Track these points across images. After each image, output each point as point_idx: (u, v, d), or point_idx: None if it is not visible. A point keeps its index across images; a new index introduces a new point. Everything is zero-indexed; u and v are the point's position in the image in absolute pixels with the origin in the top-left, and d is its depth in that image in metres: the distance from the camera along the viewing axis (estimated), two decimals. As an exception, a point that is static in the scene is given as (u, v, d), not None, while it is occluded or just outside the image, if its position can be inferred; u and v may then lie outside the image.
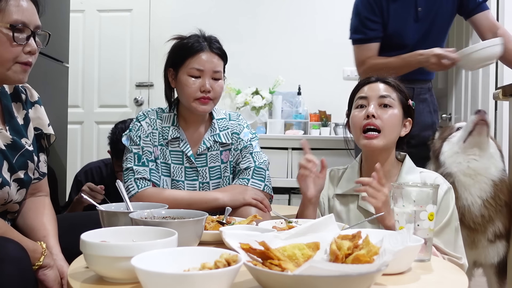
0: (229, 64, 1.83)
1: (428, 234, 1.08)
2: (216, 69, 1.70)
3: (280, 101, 3.48)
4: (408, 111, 1.50)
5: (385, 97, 1.46)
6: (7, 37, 1.17)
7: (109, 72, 3.94)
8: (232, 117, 1.81)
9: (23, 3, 1.20)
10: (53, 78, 2.43)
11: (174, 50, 1.73)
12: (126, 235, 0.99)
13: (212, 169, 1.73)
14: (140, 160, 1.66)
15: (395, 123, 1.46)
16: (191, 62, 1.67)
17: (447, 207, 1.40)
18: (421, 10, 2.07)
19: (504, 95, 1.86)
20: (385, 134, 1.44)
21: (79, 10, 3.85)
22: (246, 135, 1.77)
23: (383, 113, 1.45)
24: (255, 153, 1.74)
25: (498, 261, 1.86)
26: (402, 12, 2.06)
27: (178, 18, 3.68)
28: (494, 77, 3.18)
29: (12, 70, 1.20)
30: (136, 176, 1.62)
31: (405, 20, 2.07)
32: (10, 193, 1.26)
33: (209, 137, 1.73)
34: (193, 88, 1.66)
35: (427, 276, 0.97)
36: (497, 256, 1.85)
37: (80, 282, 0.90)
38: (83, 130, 3.98)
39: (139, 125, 1.71)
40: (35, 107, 1.39)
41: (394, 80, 1.51)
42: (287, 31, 3.66)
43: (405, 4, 2.06)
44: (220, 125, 1.76)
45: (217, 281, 0.73)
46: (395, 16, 2.06)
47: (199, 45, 1.70)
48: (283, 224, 1.28)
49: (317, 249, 0.90)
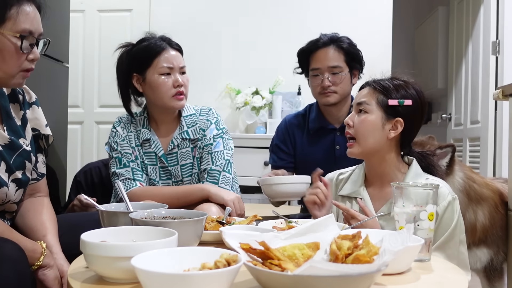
0: (229, 64, 1.84)
1: (428, 234, 1.08)
2: (181, 64, 1.76)
3: (280, 101, 3.47)
4: (395, 112, 1.43)
5: (361, 104, 1.45)
6: (15, 46, 1.16)
7: (109, 72, 3.92)
8: (202, 112, 1.83)
9: (31, 11, 1.19)
10: (53, 78, 2.43)
11: (135, 54, 1.77)
12: (126, 235, 0.99)
13: (184, 167, 1.78)
14: (121, 162, 1.74)
15: (369, 128, 1.43)
16: (159, 62, 1.72)
17: (450, 219, 1.35)
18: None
19: (504, 95, 1.86)
20: (359, 142, 1.44)
21: (79, 10, 3.84)
22: (211, 132, 1.78)
23: (356, 120, 1.46)
24: (214, 153, 1.75)
25: (482, 266, 1.86)
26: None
27: (178, 18, 3.68)
28: (494, 77, 3.18)
29: (15, 78, 1.20)
30: (120, 179, 1.70)
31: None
32: (8, 194, 1.26)
33: (177, 135, 1.78)
34: (167, 86, 1.72)
35: (427, 276, 0.97)
36: (479, 262, 1.86)
37: (80, 282, 0.90)
38: (83, 130, 3.97)
39: (115, 131, 1.80)
40: (33, 108, 1.39)
41: (376, 84, 1.46)
42: (287, 31, 3.65)
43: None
44: (188, 122, 1.80)
45: (217, 281, 0.73)
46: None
47: (161, 43, 1.75)
48: (283, 224, 1.28)
49: (317, 249, 0.90)
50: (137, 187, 1.69)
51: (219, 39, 3.66)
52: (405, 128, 1.44)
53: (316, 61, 1.98)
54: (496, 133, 3.12)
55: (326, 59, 1.95)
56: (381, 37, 3.53)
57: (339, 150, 1.95)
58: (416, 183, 1.19)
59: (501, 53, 3.12)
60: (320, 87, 1.96)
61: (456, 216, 1.36)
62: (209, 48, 3.69)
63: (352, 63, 1.97)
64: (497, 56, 3.16)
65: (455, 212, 1.36)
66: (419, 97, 1.45)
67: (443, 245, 1.33)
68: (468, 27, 3.59)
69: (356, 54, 2.00)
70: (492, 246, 1.84)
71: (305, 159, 2.01)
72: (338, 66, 1.94)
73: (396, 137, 1.44)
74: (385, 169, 1.46)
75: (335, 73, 1.94)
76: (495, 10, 3.18)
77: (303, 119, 2.09)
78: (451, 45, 3.94)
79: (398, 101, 1.42)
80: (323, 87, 1.94)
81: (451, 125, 3.90)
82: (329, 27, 3.65)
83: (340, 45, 1.96)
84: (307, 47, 2.02)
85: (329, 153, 1.99)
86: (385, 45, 3.53)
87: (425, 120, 1.50)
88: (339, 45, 1.96)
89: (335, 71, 1.94)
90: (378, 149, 1.45)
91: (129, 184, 1.70)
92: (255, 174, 2.99)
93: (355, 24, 3.56)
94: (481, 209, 1.83)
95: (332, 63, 1.94)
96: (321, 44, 1.98)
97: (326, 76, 1.93)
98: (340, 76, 1.94)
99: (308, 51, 2.01)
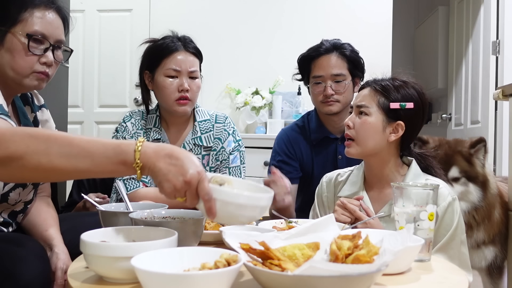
0: (229, 64, 1.83)
1: (428, 234, 1.08)
2: (192, 68, 1.70)
3: (280, 101, 3.47)
4: (396, 115, 1.42)
5: (361, 106, 1.44)
6: (23, 45, 1.22)
7: (109, 72, 3.94)
8: (218, 120, 1.78)
9: (49, 16, 1.26)
10: (53, 78, 2.43)
11: (148, 52, 1.75)
12: (126, 235, 0.99)
13: None
14: None
15: (369, 131, 1.42)
16: (167, 63, 1.68)
17: (450, 221, 1.34)
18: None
19: (504, 95, 1.86)
20: (358, 143, 1.44)
21: (79, 10, 3.84)
22: (229, 144, 1.75)
23: (357, 122, 1.45)
24: (232, 168, 1.74)
25: (487, 264, 1.89)
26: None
27: (178, 18, 3.68)
28: (494, 77, 3.18)
29: (28, 78, 1.25)
30: (124, 177, 1.65)
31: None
32: (21, 194, 1.29)
33: (190, 140, 1.73)
34: (171, 89, 1.67)
35: (427, 276, 0.97)
36: (484, 260, 1.88)
37: (80, 282, 0.90)
38: (83, 130, 3.97)
39: (124, 126, 1.74)
40: (42, 110, 1.44)
41: (377, 85, 1.45)
42: (288, 31, 3.65)
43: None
44: (202, 128, 1.75)
45: (217, 281, 0.73)
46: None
47: (174, 45, 1.70)
48: (283, 224, 1.28)
49: (317, 249, 0.90)
50: (139, 188, 1.66)
51: (219, 39, 3.66)
52: (406, 130, 1.43)
53: (319, 68, 1.90)
54: (496, 133, 3.12)
55: (329, 66, 1.88)
56: (381, 37, 3.53)
57: (341, 160, 1.89)
58: (416, 183, 1.19)
59: (501, 53, 3.12)
60: (322, 95, 1.88)
61: (456, 217, 1.35)
62: (209, 48, 3.69)
63: (355, 71, 1.91)
64: (497, 56, 3.16)
65: (455, 213, 1.35)
66: (420, 98, 1.44)
67: (445, 246, 1.32)
68: (468, 27, 3.59)
69: (359, 62, 1.94)
70: (498, 244, 1.88)
71: (309, 170, 1.96)
72: (342, 74, 1.88)
73: (396, 139, 1.44)
74: (384, 170, 1.46)
75: (338, 81, 1.87)
76: (495, 10, 3.18)
77: (303, 130, 2.01)
78: (451, 45, 3.94)
79: (400, 104, 1.41)
80: (326, 95, 1.87)
81: (451, 125, 3.90)
82: (329, 27, 3.66)
83: (343, 52, 1.90)
84: (309, 54, 1.94)
85: (331, 164, 1.93)
86: (385, 45, 3.53)
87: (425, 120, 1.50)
88: (342, 52, 1.90)
89: (338, 79, 1.87)
90: (378, 151, 1.44)
91: (133, 184, 1.66)
92: (255, 174, 2.99)
93: (355, 24, 3.57)
94: (499, 204, 1.89)
95: (336, 70, 1.88)
96: (324, 50, 1.90)
97: (329, 84, 1.87)
98: (343, 85, 1.88)
99: (309, 58, 1.93)
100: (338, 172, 1.60)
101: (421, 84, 1.48)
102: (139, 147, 0.87)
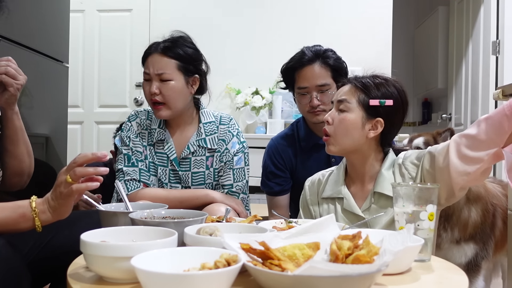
0: (229, 64, 1.83)
1: (428, 234, 1.08)
2: (159, 71, 1.64)
3: (280, 101, 3.48)
4: (375, 112, 1.42)
5: (342, 101, 1.44)
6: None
7: (109, 72, 3.94)
8: (223, 121, 1.78)
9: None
10: (53, 78, 2.43)
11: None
12: (126, 235, 0.99)
13: (195, 175, 1.73)
14: (129, 161, 1.68)
15: (348, 128, 1.42)
16: (145, 66, 1.69)
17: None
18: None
19: (504, 95, 1.86)
20: (336, 139, 1.44)
21: (79, 10, 3.85)
22: (233, 146, 1.74)
23: (336, 118, 1.44)
24: (236, 169, 1.74)
25: (467, 261, 1.90)
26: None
27: (178, 18, 3.68)
28: (494, 77, 3.18)
29: None
30: (126, 178, 1.66)
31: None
32: None
33: (194, 141, 1.72)
34: (146, 93, 1.68)
35: (427, 276, 0.97)
36: (464, 256, 1.89)
37: (80, 282, 0.90)
38: (83, 130, 3.97)
39: (129, 125, 1.73)
40: None
41: (357, 82, 1.45)
42: (287, 31, 3.66)
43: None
44: (207, 129, 1.75)
45: (217, 281, 0.73)
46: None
47: (151, 48, 1.69)
48: (283, 224, 1.28)
49: (317, 249, 0.90)
50: (140, 189, 1.66)
51: (219, 39, 3.66)
52: (385, 127, 1.43)
53: (303, 79, 1.89)
54: (496, 133, 3.11)
55: (313, 77, 1.87)
56: (381, 37, 3.53)
57: (335, 163, 1.88)
58: (417, 183, 1.19)
59: (501, 53, 3.12)
60: (308, 106, 1.88)
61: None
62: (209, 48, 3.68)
63: (339, 78, 1.87)
64: (497, 56, 3.16)
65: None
66: (400, 96, 1.44)
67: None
68: (468, 27, 3.59)
69: (342, 68, 1.92)
70: (479, 242, 1.90)
71: (303, 177, 1.97)
72: (326, 84, 1.87)
73: (376, 136, 1.44)
74: (366, 165, 1.46)
75: (323, 91, 1.87)
76: (495, 10, 3.18)
77: (292, 138, 2.00)
78: (451, 45, 3.94)
79: (379, 101, 1.41)
80: (312, 106, 1.87)
81: (451, 125, 3.90)
82: (329, 28, 3.67)
83: (326, 61, 1.88)
84: (292, 65, 1.93)
85: (326, 167, 1.93)
86: (385, 45, 3.53)
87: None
88: (325, 61, 1.88)
89: (323, 89, 1.87)
90: (357, 147, 1.44)
91: (134, 184, 1.66)
92: (255, 174, 2.97)
93: (355, 24, 3.57)
94: (475, 207, 1.88)
95: (320, 81, 1.87)
96: (306, 61, 1.89)
97: (315, 95, 1.86)
98: (328, 95, 1.86)
99: (293, 68, 1.93)
100: (321, 174, 1.60)
101: (402, 82, 1.48)
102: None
